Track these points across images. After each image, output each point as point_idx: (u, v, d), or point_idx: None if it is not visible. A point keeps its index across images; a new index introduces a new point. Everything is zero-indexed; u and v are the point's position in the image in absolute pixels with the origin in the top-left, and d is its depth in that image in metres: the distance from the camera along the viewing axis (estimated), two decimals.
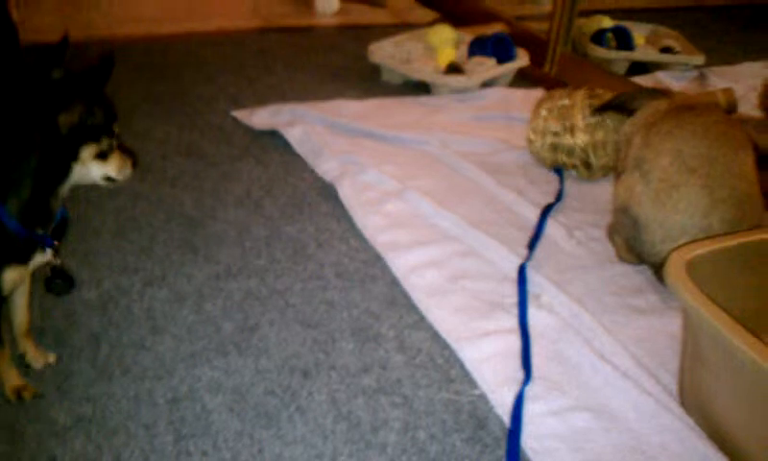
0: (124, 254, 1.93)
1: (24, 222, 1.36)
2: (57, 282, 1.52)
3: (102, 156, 1.41)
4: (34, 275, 1.51)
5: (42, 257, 1.44)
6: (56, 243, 1.44)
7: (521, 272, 1.89)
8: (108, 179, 1.44)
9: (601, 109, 2.29)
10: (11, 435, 1.40)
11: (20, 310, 1.54)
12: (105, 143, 1.40)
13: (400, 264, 1.93)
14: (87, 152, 1.38)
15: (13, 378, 1.49)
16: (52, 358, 1.57)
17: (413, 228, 2.09)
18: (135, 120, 2.61)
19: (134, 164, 1.50)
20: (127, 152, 1.48)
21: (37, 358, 1.56)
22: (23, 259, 1.41)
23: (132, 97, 2.77)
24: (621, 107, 2.17)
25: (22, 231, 1.37)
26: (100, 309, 1.73)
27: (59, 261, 1.47)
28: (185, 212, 2.13)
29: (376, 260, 1.97)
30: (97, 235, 1.99)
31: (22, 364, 1.54)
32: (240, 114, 2.69)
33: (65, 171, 1.38)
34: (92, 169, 1.41)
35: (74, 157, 1.37)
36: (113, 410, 1.47)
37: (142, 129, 2.56)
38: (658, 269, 1.86)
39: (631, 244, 1.94)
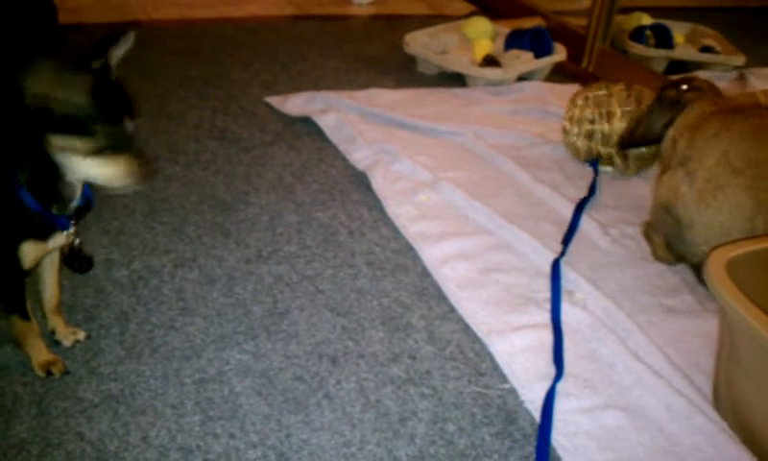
0: (155, 235, 1.92)
1: (37, 199, 1.34)
2: (75, 261, 1.51)
3: (101, 155, 1.28)
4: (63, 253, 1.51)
5: (63, 237, 1.42)
6: (72, 223, 1.41)
7: (555, 267, 1.86)
8: (110, 182, 1.32)
9: (624, 147, 2.25)
10: (38, 411, 1.40)
11: (50, 287, 1.54)
12: (100, 141, 1.26)
13: (432, 255, 1.91)
14: (80, 146, 1.26)
15: (42, 354, 1.49)
16: (81, 335, 1.57)
17: (445, 219, 2.07)
18: (170, 104, 2.61)
19: (148, 176, 1.36)
20: (142, 159, 1.35)
21: (67, 335, 1.56)
22: (41, 236, 1.38)
23: (166, 81, 2.77)
24: (645, 138, 2.10)
25: (37, 207, 1.34)
26: (130, 288, 1.73)
27: (77, 242, 1.46)
28: (217, 195, 2.12)
29: (407, 250, 1.95)
30: (129, 215, 1.99)
31: (52, 340, 1.54)
32: (273, 100, 2.68)
33: (59, 161, 1.28)
34: (90, 168, 1.29)
35: (62, 147, 1.26)
36: (141, 389, 1.46)
37: (176, 112, 2.55)
38: (699, 269, 1.83)
39: (672, 243, 1.90)
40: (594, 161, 2.35)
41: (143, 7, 3.55)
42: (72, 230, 1.41)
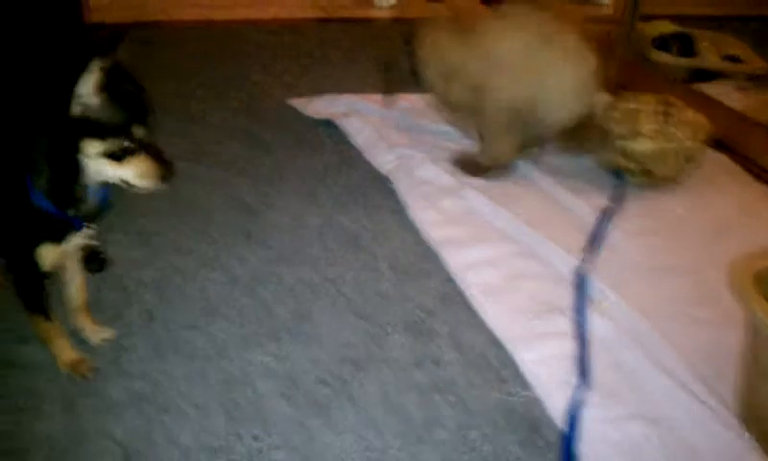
0: (179, 235, 1.93)
1: (53, 202, 1.34)
2: (91, 262, 1.51)
3: (115, 157, 1.29)
4: None
5: (80, 238, 1.42)
6: (88, 225, 1.40)
7: (579, 275, 1.86)
8: (126, 183, 1.33)
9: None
10: (66, 408, 1.41)
11: (74, 286, 1.55)
12: (114, 144, 1.28)
13: (456, 261, 1.90)
14: (92, 148, 1.28)
15: (68, 352, 1.49)
16: (109, 334, 1.58)
17: (468, 225, 2.06)
18: (192, 105, 2.62)
19: (166, 177, 1.38)
20: (160, 160, 1.36)
21: (95, 333, 1.57)
22: (58, 238, 1.38)
23: (188, 82, 2.79)
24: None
25: (52, 209, 1.34)
26: (155, 288, 1.73)
27: (93, 243, 1.46)
28: (240, 197, 2.13)
29: (431, 255, 1.95)
30: (153, 215, 1.99)
31: (79, 339, 1.55)
32: (296, 103, 2.69)
33: (75, 163, 1.30)
34: (105, 169, 1.30)
35: (76, 149, 1.28)
36: (166, 388, 1.47)
37: (199, 113, 2.56)
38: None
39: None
40: (618, 171, 2.34)
41: (164, 8, 3.57)
42: (88, 231, 1.41)
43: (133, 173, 1.32)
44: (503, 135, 2.26)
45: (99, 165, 1.30)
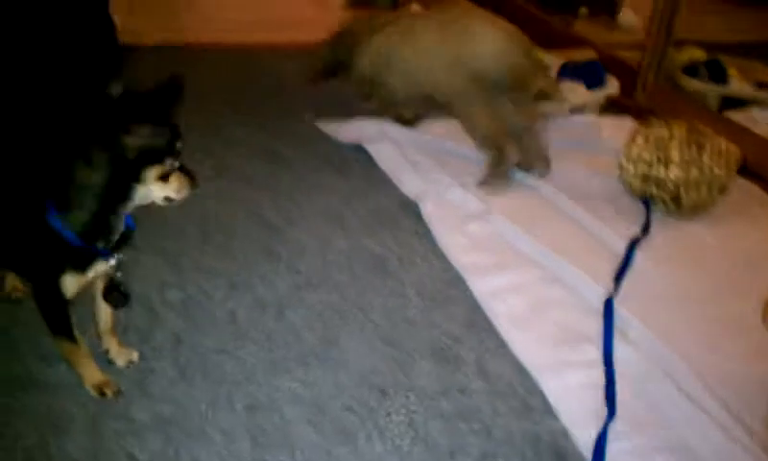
0: (207, 257, 1.94)
1: (84, 236, 1.36)
2: (113, 295, 1.52)
3: (164, 177, 1.35)
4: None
5: (105, 266, 1.44)
6: (115, 255, 1.42)
7: (607, 305, 1.84)
8: (168, 199, 1.39)
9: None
10: (90, 429, 1.42)
11: (103, 310, 1.56)
12: (167, 165, 1.34)
13: (482, 287, 1.90)
14: (150, 174, 1.33)
15: (94, 374, 1.50)
16: (135, 356, 1.59)
17: (496, 251, 2.06)
18: (223, 126, 2.64)
19: (193, 184, 1.43)
20: (186, 171, 1.41)
21: (121, 356, 1.58)
22: (82, 267, 1.40)
23: (219, 103, 2.81)
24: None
25: (80, 244, 1.36)
26: (183, 311, 1.74)
27: (117, 275, 1.47)
28: (269, 219, 2.14)
29: (458, 281, 1.94)
30: (182, 237, 2.01)
31: (106, 360, 1.56)
32: (324, 126, 2.70)
33: (127, 192, 1.34)
34: (154, 190, 1.36)
35: (137, 179, 1.33)
36: (192, 412, 1.47)
37: (228, 135, 2.58)
38: None
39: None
40: (648, 200, 2.32)
41: (196, 30, 3.60)
42: (115, 261, 1.43)
43: (174, 188, 1.38)
44: (473, 106, 2.42)
45: (150, 189, 1.35)
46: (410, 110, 2.71)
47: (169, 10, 3.94)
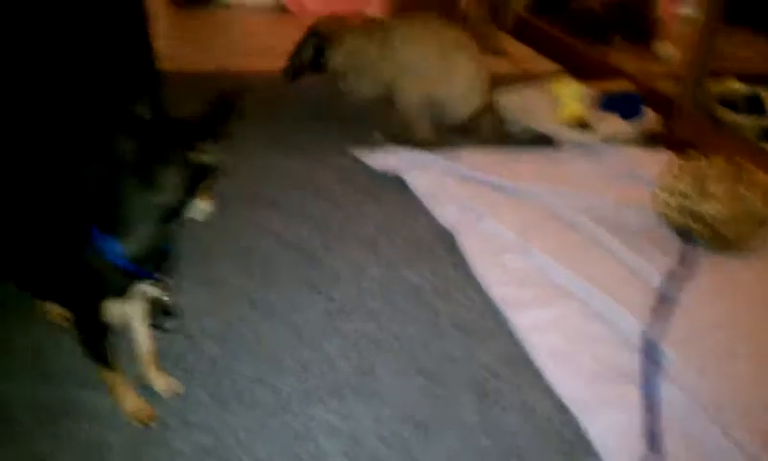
0: (244, 284, 1.95)
1: (137, 259, 1.35)
2: (160, 318, 1.52)
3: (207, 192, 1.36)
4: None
5: (150, 290, 1.44)
6: (163, 278, 1.43)
7: (647, 340, 1.82)
8: (203, 212, 1.38)
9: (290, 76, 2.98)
10: (129, 457, 1.42)
11: (141, 336, 1.56)
12: (213, 179, 1.35)
13: (521, 321, 1.88)
14: (202, 189, 1.34)
15: (132, 400, 1.50)
16: (174, 383, 1.59)
17: (533, 284, 2.04)
18: (259, 154, 2.65)
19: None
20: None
21: (160, 383, 1.58)
22: (125, 292, 1.40)
23: (256, 130, 2.82)
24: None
25: (131, 268, 1.36)
26: (220, 339, 1.74)
27: (166, 297, 1.47)
28: (304, 247, 2.14)
29: (495, 314, 1.93)
30: (219, 264, 2.02)
31: (145, 388, 1.56)
32: (361, 154, 2.70)
33: (183, 209, 1.34)
34: (199, 205, 1.36)
35: (193, 195, 1.34)
36: (231, 442, 1.47)
37: (266, 162, 2.59)
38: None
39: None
40: (685, 233, 2.30)
41: (234, 58, 3.63)
42: (162, 283, 1.43)
43: (208, 201, 1.37)
44: (417, 120, 2.79)
45: (198, 205, 1.35)
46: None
47: (207, 37, 4.00)
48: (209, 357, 1.68)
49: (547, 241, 2.22)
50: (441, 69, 2.73)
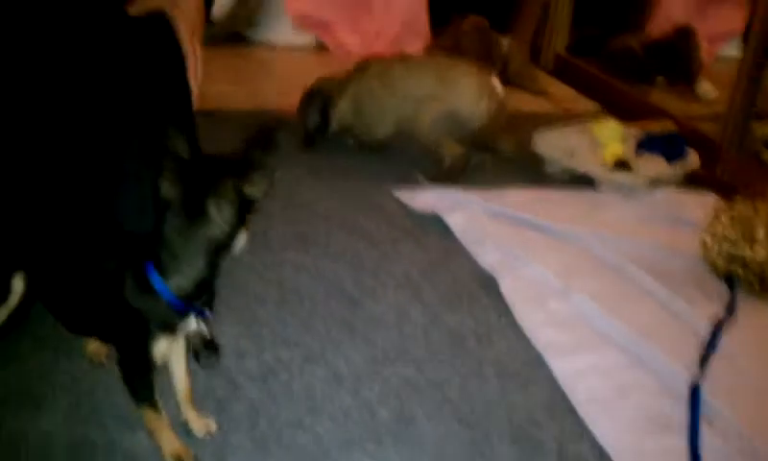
0: (285, 327, 1.94)
1: (186, 295, 1.36)
2: (204, 353, 1.52)
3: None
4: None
5: (192, 326, 1.44)
6: (208, 313, 1.43)
7: (694, 391, 1.78)
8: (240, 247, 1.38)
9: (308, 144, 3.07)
10: None
11: (179, 376, 1.56)
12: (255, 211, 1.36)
13: (564, 369, 1.86)
14: (249, 222, 1.36)
15: (173, 444, 1.50)
16: (213, 426, 1.59)
17: (577, 330, 2.02)
18: (300, 192, 2.67)
19: None
20: None
21: (199, 426, 1.58)
22: (173, 328, 1.41)
23: (296, 168, 2.84)
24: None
25: (181, 306, 1.37)
26: (260, 381, 1.74)
27: (210, 333, 1.47)
28: (345, 289, 2.13)
29: (538, 361, 1.90)
30: (260, 305, 2.02)
31: (184, 430, 1.56)
32: (402, 195, 2.71)
33: (233, 242, 1.35)
34: (242, 238, 1.36)
35: (241, 227, 1.35)
36: None
37: (306, 201, 2.60)
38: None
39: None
40: (733, 280, 2.26)
41: (274, 96, 3.67)
42: (207, 318, 1.43)
43: (246, 235, 1.37)
44: (440, 141, 2.85)
45: (241, 238, 1.35)
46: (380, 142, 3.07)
47: (245, 75, 4.05)
48: (249, 400, 1.68)
49: (590, 285, 2.20)
50: (443, 87, 2.85)
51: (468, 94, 2.85)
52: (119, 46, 1.87)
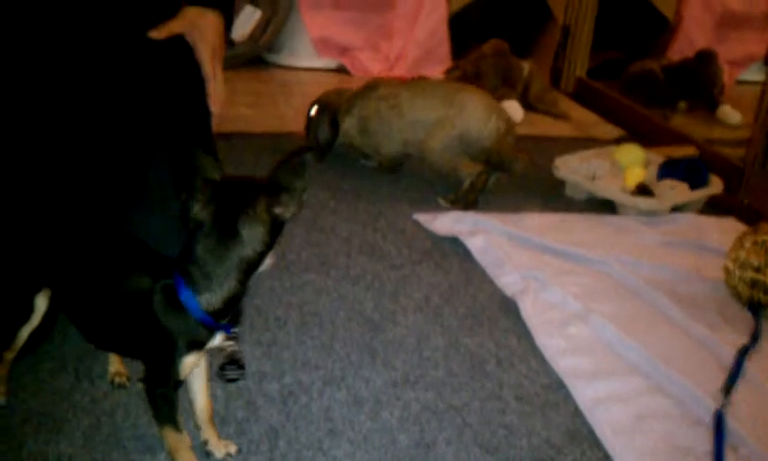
0: (305, 350, 1.94)
1: (215, 312, 1.38)
2: (230, 370, 1.52)
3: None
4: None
5: (218, 341, 1.45)
6: (235, 330, 1.44)
7: (717, 419, 1.76)
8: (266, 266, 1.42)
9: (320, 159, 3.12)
10: None
11: (200, 396, 1.56)
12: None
13: (584, 394, 1.84)
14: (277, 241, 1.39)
15: None
16: (233, 449, 1.59)
17: (597, 355, 2.00)
18: (321, 215, 2.68)
19: None
20: None
21: (220, 448, 1.58)
22: (201, 346, 1.42)
23: (318, 192, 2.85)
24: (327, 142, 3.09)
25: (211, 323, 1.39)
26: (280, 403, 1.74)
27: (236, 348, 1.47)
28: (365, 313, 2.13)
29: (558, 386, 1.89)
30: (280, 327, 2.02)
31: (204, 452, 1.56)
32: (422, 218, 2.71)
33: (262, 261, 1.38)
34: (269, 257, 1.40)
35: (272, 247, 1.38)
36: None
37: (328, 225, 2.61)
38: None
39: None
40: (756, 307, 2.23)
41: (294, 119, 3.69)
42: (233, 334, 1.44)
43: (272, 255, 1.41)
44: (454, 163, 2.88)
45: (269, 258, 1.39)
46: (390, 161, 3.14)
47: (269, 100, 4.08)
48: (268, 422, 1.68)
49: (610, 310, 2.18)
50: (450, 109, 2.89)
51: (476, 115, 2.87)
52: (140, 69, 1.90)
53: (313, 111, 3.14)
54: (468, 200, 2.83)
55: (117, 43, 1.89)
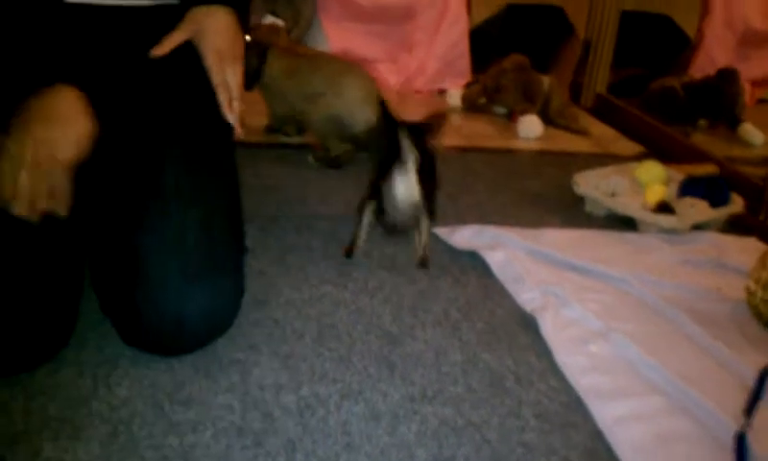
0: (323, 362, 1.94)
1: None
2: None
3: None
4: None
5: None
6: None
7: (739, 441, 1.74)
8: None
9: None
10: None
11: None
12: None
13: (604, 413, 1.82)
14: None
15: None
16: None
17: (618, 374, 1.98)
18: (341, 229, 2.66)
19: None
20: None
21: None
22: None
23: (337, 205, 2.85)
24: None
25: None
26: (298, 416, 1.73)
27: None
28: (383, 326, 2.13)
29: (577, 405, 1.87)
30: (298, 339, 2.02)
31: None
32: (441, 232, 2.70)
33: None
34: None
35: None
36: None
37: (347, 238, 2.60)
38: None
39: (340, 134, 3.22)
40: None
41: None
42: None
43: None
44: (328, 139, 3.21)
45: None
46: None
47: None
48: (285, 434, 1.67)
49: (632, 329, 2.16)
50: (329, 90, 3.14)
51: (351, 102, 3.12)
52: (149, 80, 1.87)
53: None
54: (331, 165, 3.23)
55: (119, 67, 1.86)
